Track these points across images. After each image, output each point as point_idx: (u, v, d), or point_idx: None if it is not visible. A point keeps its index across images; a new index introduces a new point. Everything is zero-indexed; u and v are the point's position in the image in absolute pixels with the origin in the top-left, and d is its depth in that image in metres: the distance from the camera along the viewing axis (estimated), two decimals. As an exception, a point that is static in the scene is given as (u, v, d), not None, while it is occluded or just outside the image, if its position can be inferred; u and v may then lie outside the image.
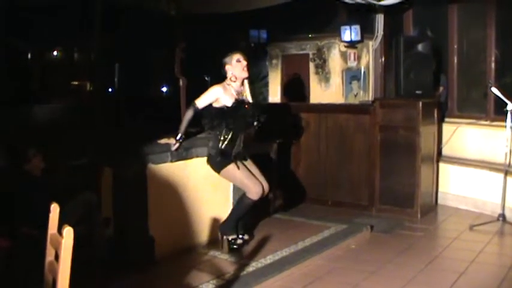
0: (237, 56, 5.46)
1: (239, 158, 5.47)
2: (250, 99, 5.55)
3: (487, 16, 7.79)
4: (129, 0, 8.23)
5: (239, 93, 5.48)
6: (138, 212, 5.14)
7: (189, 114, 5.37)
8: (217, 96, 5.36)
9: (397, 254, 5.72)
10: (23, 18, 8.62)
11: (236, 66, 5.44)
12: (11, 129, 5.82)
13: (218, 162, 5.42)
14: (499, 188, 6.75)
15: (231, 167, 5.40)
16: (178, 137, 5.36)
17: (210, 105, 5.38)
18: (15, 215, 4.45)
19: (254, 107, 5.50)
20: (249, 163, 5.58)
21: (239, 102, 5.40)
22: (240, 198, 5.54)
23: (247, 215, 5.60)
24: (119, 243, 5.06)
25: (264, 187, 5.48)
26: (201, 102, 5.36)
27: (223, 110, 5.35)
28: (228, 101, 5.36)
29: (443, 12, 8.39)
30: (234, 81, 5.44)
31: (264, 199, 5.58)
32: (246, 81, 5.53)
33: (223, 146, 5.38)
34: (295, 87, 9.38)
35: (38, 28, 9.39)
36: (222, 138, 5.38)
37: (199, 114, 5.39)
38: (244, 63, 5.46)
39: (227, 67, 5.47)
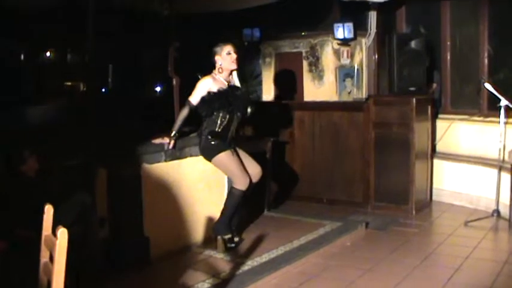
0: (228, 48, 5.47)
1: (232, 145, 5.51)
2: (237, 84, 5.58)
3: (479, 12, 7.80)
4: (122, 0, 8.21)
5: (228, 82, 5.52)
6: (132, 212, 5.14)
7: (184, 112, 5.40)
8: (208, 87, 5.39)
9: (392, 250, 5.74)
10: (15, 19, 8.59)
11: (225, 58, 5.46)
12: (3, 130, 5.80)
13: (213, 146, 5.42)
14: (493, 183, 6.78)
15: (225, 154, 5.42)
16: (172, 134, 5.37)
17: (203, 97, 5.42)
18: (10, 216, 4.44)
19: (246, 92, 5.59)
20: (240, 152, 5.61)
21: (231, 87, 5.46)
22: (229, 193, 5.56)
23: (238, 210, 5.61)
24: (114, 243, 5.05)
25: (257, 172, 5.56)
26: (194, 97, 5.40)
27: (219, 93, 5.37)
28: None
29: (435, 9, 8.39)
30: (221, 73, 5.47)
31: (259, 184, 5.61)
32: (234, 72, 5.56)
33: (220, 129, 5.39)
34: (289, 85, 9.37)
35: (31, 29, 9.36)
36: (219, 121, 5.40)
37: (194, 111, 5.40)
38: (234, 56, 5.47)
39: (217, 57, 5.48)
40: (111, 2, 8.17)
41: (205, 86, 5.40)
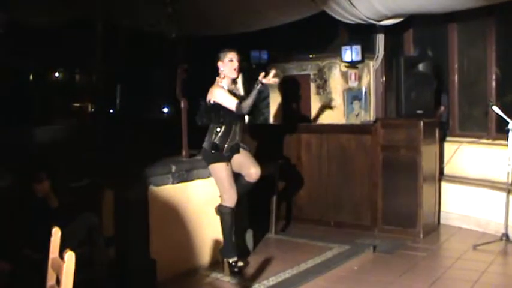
0: (230, 55, 5.49)
1: (233, 151, 5.49)
2: (242, 93, 5.58)
3: (487, 35, 7.80)
4: (130, 22, 8.27)
5: (231, 89, 5.54)
6: (139, 234, 5.13)
7: (248, 101, 5.25)
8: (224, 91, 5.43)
9: (400, 274, 5.69)
10: (25, 39, 8.65)
11: (227, 65, 5.48)
12: (12, 150, 5.82)
13: (211, 155, 5.44)
14: (502, 207, 6.73)
15: (220, 165, 5.42)
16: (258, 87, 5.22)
17: (205, 102, 5.47)
18: (16, 237, 4.43)
19: (244, 98, 5.56)
20: (242, 153, 5.59)
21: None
22: (219, 214, 5.54)
23: (232, 228, 5.58)
24: (120, 265, 5.03)
25: (256, 172, 5.53)
26: (231, 100, 5.35)
27: (214, 105, 5.41)
28: None
29: (443, 32, 8.40)
30: (223, 78, 5.49)
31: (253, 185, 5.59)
32: (239, 78, 5.59)
33: (216, 139, 5.41)
34: (297, 107, 9.39)
35: (40, 49, 9.42)
36: (215, 131, 5.44)
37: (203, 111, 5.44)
38: (236, 64, 5.48)
39: (219, 63, 5.51)
40: (119, 24, 8.23)
41: (224, 91, 5.42)
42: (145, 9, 7.37)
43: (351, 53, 8.83)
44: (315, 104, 9.25)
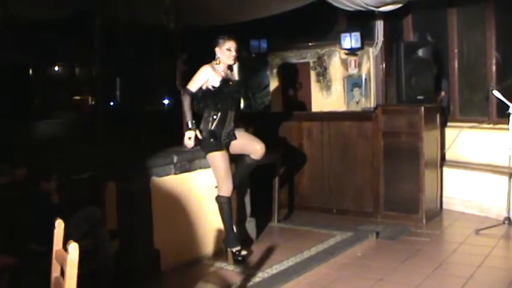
0: (229, 44, 5.50)
1: (230, 136, 5.53)
2: (236, 78, 5.65)
3: (486, 19, 7.78)
4: (128, 14, 8.26)
5: (226, 74, 5.56)
6: (142, 225, 5.15)
7: (186, 101, 5.44)
8: (208, 76, 5.45)
9: (403, 260, 5.70)
10: (25, 35, 8.66)
11: (224, 53, 5.50)
12: (14, 144, 5.84)
13: (209, 143, 5.47)
14: (504, 191, 6.74)
15: (218, 154, 5.45)
16: (190, 126, 5.41)
17: (200, 87, 5.47)
18: (21, 232, 4.45)
19: (239, 83, 5.61)
20: (239, 136, 5.62)
21: (224, 81, 5.47)
22: (218, 205, 5.56)
23: (231, 217, 5.62)
24: (124, 256, 5.05)
25: (261, 148, 5.59)
26: (194, 85, 5.46)
27: (209, 91, 5.43)
28: (216, 81, 5.44)
29: (442, 17, 8.37)
30: (218, 64, 5.50)
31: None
32: (235, 65, 5.63)
33: (213, 127, 5.44)
34: (297, 95, 9.40)
35: (40, 44, 9.43)
36: (211, 119, 5.46)
37: (195, 98, 5.44)
38: (234, 53, 5.51)
39: (217, 49, 5.53)
40: (118, 16, 8.22)
41: (205, 74, 5.45)
42: (144, 1, 7.37)
43: (350, 40, 8.83)
44: (315, 92, 9.26)
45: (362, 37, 8.82)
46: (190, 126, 5.42)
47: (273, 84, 9.81)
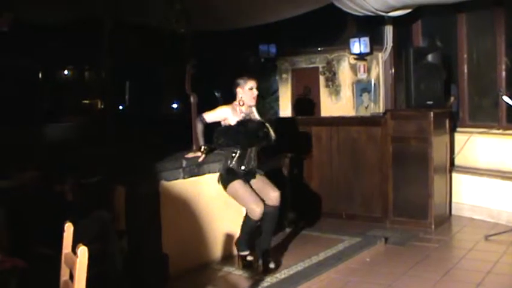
0: (251, 84, 5.51)
1: (249, 175, 5.49)
2: (257, 117, 5.60)
3: (496, 24, 7.76)
4: (138, 18, 8.28)
5: (247, 114, 5.54)
6: (151, 229, 5.15)
7: (199, 127, 5.55)
8: (225, 116, 5.46)
9: (412, 266, 5.69)
10: (35, 39, 8.69)
11: (247, 93, 5.50)
12: (24, 148, 5.85)
13: (225, 179, 5.46)
14: (514, 197, 6.72)
15: (235, 183, 5.39)
16: (202, 149, 5.54)
17: (219, 123, 5.49)
18: (31, 235, 4.46)
19: (259, 122, 5.54)
20: (258, 178, 5.56)
21: (242, 122, 5.45)
22: (245, 216, 5.53)
23: (254, 233, 5.57)
24: (132, 260, 5.06)
25: (276, 196, 5.44)
26: (208, 117, 5.51)
27: (227, 128, 5.43)
28: (233, 121, 5.44)
29: (452, 22, 8.36)
30: (242, 105, 5.51)
31: (278, 210, 5.55)
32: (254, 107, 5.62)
33: (231, 164, 5.43)
34: (306, 100, 9.39)
35: (49, 47, 9.46)
36: (230, 156, 5.45)
37: (216, 132, 5.46)
38: (256, 92, 5.53)
39: (238, 89, 5.52)
40: (128, 20, 8.24)
41: (221, 114, 5.49)
42: (153, 5, 7.38)
43: (359, 45, 8.83)
44: (324, 97, 9.26)
45: (371, 42, 8.82)
46: (202, 149, 5.56)
47: (282, 89, 9.81)
